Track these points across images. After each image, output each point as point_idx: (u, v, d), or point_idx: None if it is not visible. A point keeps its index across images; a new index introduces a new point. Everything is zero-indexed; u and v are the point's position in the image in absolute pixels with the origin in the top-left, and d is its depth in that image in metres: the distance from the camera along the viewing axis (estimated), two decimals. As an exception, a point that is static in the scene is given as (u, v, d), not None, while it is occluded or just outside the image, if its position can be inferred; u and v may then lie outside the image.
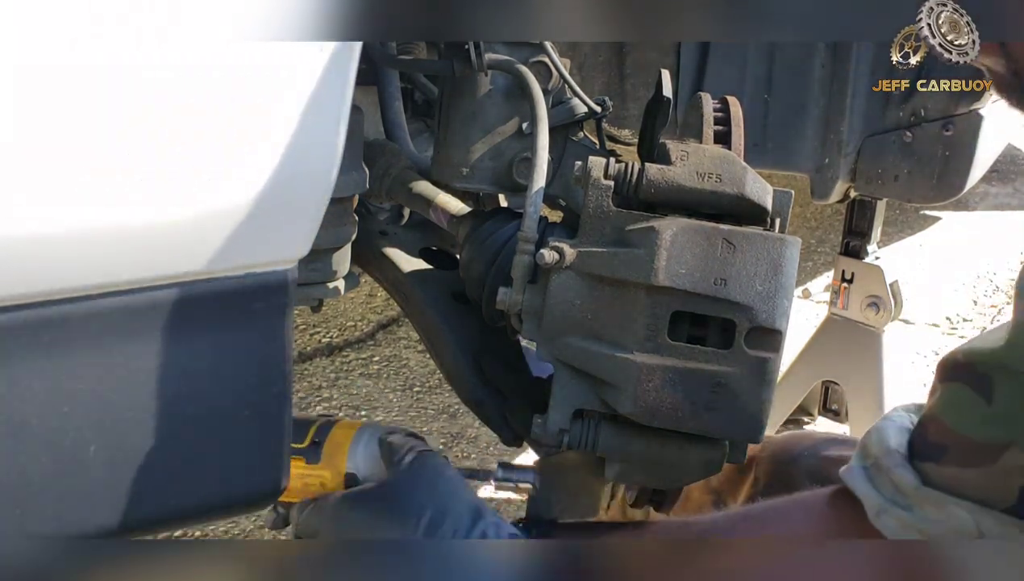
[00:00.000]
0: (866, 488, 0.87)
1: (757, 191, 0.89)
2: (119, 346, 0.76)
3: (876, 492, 0.86)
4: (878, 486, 0.86)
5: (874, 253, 2.05)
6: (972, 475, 0.81)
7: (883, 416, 0.93)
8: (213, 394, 0.81)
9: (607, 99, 1.14)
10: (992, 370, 0.80)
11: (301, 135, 0.78)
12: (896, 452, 0.86)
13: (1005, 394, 0.80)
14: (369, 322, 2.95)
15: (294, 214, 0.81)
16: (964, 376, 0.83)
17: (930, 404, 0.88)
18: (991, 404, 0.80)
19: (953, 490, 0.82)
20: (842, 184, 1.74)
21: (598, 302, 0.89)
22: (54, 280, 0.71)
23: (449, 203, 1.23)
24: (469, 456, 2.22)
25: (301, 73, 0.77)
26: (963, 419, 0.83)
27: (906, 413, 0.92)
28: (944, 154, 1.65)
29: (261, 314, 0.82)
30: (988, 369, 0.81)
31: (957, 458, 0.82)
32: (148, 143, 0.71)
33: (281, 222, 0.80)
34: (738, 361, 0.85)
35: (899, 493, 0.84)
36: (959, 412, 0.83)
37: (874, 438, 0.90)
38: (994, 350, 0.81)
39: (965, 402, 0.82)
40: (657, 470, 0.94)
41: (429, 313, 1.23)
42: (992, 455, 0.80)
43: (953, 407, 0.84)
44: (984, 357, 0.82)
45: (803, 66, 1.70)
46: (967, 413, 0.82)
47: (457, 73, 1.04)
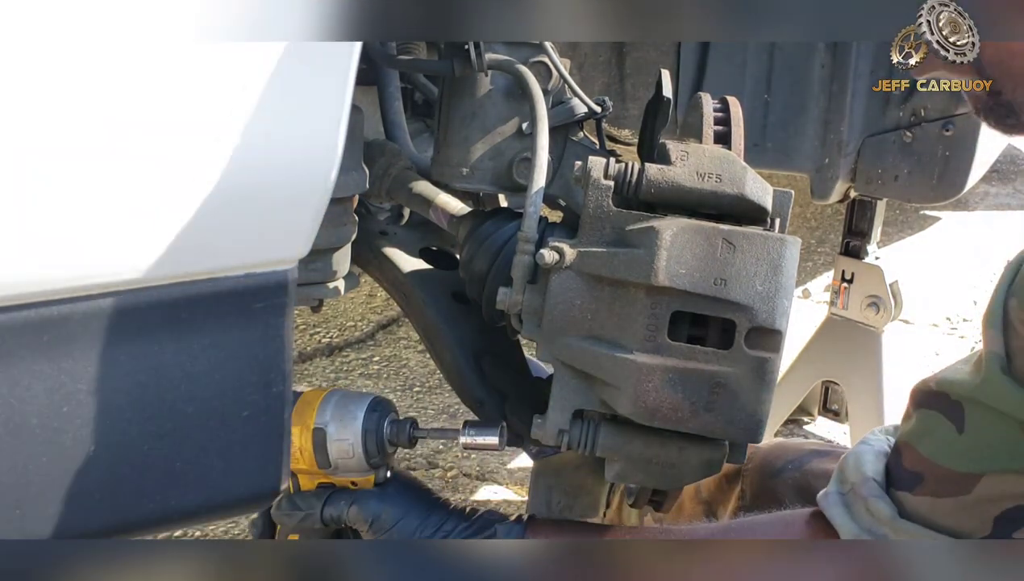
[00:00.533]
0: (842, 517, 0.88)
1: (757, 191, 0.89)
2: (119, 346, 0.76)
3: (852, 521, 0.87)
4: (854, 514, 0.87)
5: (874, 253, 2.05)
6: (947, 505, 0.82)
7: (862, 439, 0.93)
8: (213, 394, 0.81)
9: (607, 99, 1.14)
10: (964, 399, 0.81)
11: (301, 135, 0.78)
12: (872, 480, 0.87)
13: (976, 424, 0.80)
14: (369, 322, 2.95)
15: (294, 214, 0.81)
16: (937, 404, 0.83)
17: (904, 430, 0.88)
18: (963, 434, 0.81)
19: (928, 521, 0.82)
20: (842, 184, 1.74)
21: (598, 302, 0.89)
22: (54, 280, 0.71)
23: (449, 203, 1.23)
24: (469, 456, 2.22)
25: (301, 73, 0.77)
26: (936, 448, 0.83)
27: (884, 436, 0.92)
28: (944, 154, 1.65)
29: (261, 314, 0.82)
30: (960, 398, 0.81)
31: (932, 487, 0.83)
32: (148, 143, 0.71)
33: (281, 222, 0.80)
34: (738, 361, 0.85)
35: (876, 522, 0.85)
36: (932, 440, 0.84)
37: (851, 463, 0.90)
38: (965, 382, 0.81)
39: (938, 430, 0.83)
40: (657, 470, 0.94)
41: (429, 313, 1.23)
42: (966, 485, 0.80)
43: (926, 435, 0.85)
44: (956, 387, 0.82)
45: (803, 66, 1.70)
46: (940, 442, 0.83)
47: (457, 73, 1.04)
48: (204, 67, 0.73)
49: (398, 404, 2.45)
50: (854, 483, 0.88)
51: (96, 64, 0.68)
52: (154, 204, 0.73)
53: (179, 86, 0.72)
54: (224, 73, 0.74)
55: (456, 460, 2.20)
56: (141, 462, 0.79)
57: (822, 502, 0.91)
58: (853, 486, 0.88)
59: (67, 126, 0.68)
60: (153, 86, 0.71)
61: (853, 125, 1.68)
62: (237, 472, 0.85)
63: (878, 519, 0.85)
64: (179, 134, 0.73)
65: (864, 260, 2.04)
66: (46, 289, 0.71)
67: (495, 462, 2.19)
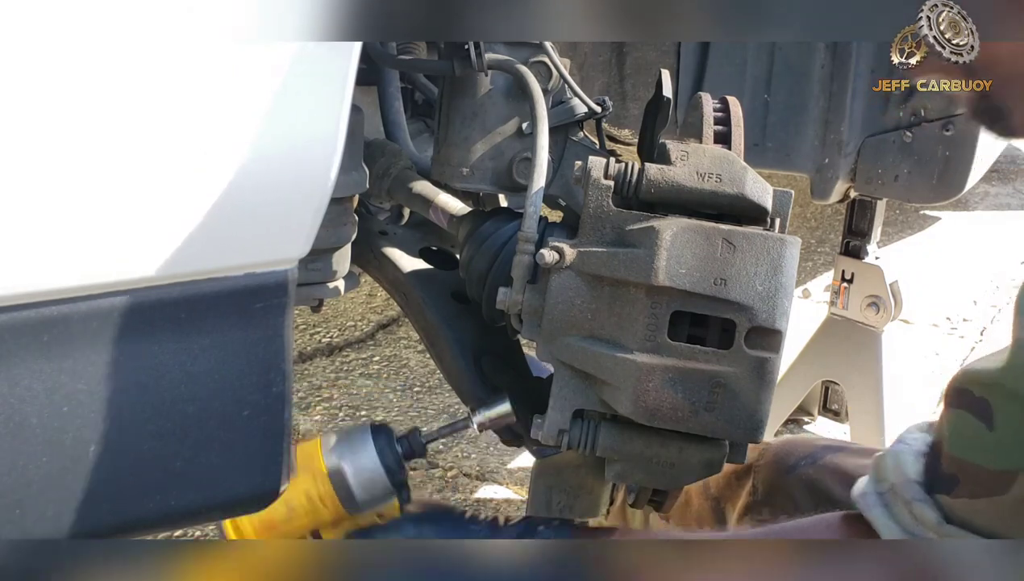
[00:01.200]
0: (884, 519, 0.86)
1: (757, 191, 0.89)
2: (119, 346, 0.76)
3: (895, 524, 0.85)
4: (895, 516, 0.85)
5: (874, 253, 2.05)
6: (984, 506, 0.80)
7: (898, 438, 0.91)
8: (213, 394, 0.81)
9: (607, 99, 1.14)
10: (990, 393, 0.79)
11: (301, 135, 0.78)
12: (915, 484, 0.85)
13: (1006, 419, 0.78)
14: (369, 322, 2.95)
15: (294, 214, 0.81)
16: (963, 401, 0.81)
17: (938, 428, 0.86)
18: (993, 430, 0.79)
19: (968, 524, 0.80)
20: (842, 184, 1.74)
21: (598, 302, 0.89)
22: (55, 280, 0.71)
23: (449, 203, 1.23)
24: (469, 456, 2.22)
25: (301, 73, 0.77)
26: (968, 447, 0.81)
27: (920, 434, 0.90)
28: (944, 154, 1.65)
29: (261, 314, 0.82)
30: (986, 392, 0.79)
31: (968, 488, 0.80)
32: (148, 143, 0.71)
33: (281, 222, 0.80)
34: (738, 361, 0.85)
35: (919, 526, 0.83)
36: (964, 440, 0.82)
37: (890, 464, 0.88)
38: (991, 371, 0.80)
39: (967, 429, 0.81)
40: (657, 470, 0.94)
41: (429, 313, 1.23)
42: (1002, 484, 0.78)
43: (957, 435, 0.83)
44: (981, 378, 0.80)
45: (803, 66, 1.70)
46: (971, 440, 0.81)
47: (457, 73, 1.04)
48: (204, 67, 0.73)
49: (398, 404, 2.46)
50: (894, 484, 0.86)
51: (95, 64, 0.68)
52: (154, 204, 0.73)
53: (179, 86, 0.72)
54: (224, 73, 0.74)
55: (456, 460, 2.20)
56: (141, 462, 0.79)
57: (860, 502, 0.89)
58: (893, 487, 0.86)
59: (67, 126, 0.68)
60: (153, 86, 0.71)
61: (853, 125, 1.69)
62: (237, 472, 0.85)
63: (923, 523, 0.83)
64: (179, 134, 0.73)
65: (864, 260, 2.04)
66: (46, 289, 0.71)
67: (495, 462, 2.20)
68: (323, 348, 2.77)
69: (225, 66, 0.74)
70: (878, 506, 0.87)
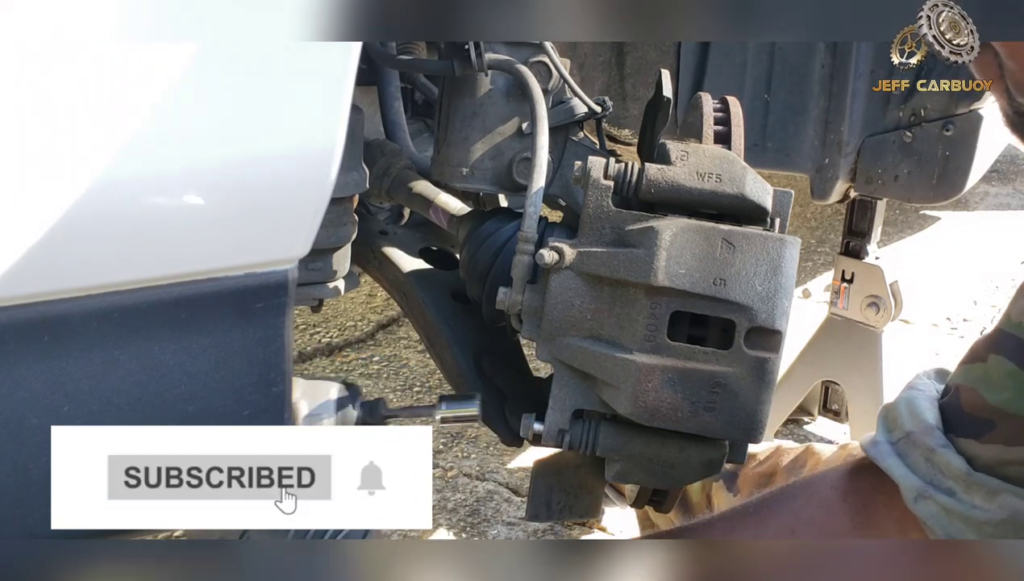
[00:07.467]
0: (901, 469, 0.83)
1: (757, 191, 0.89)
2: (119, 346, 0.76)
3: (913, 474, 0.82)
4: (912, 465, 0.82)
5: (874, 253, 2.05)
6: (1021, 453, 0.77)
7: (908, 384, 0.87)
8: (213, 393, 0.81)
9: (607, 99, 1.14)
10: None
11: (301, 135, 0.78)
12: (936, 430, 0.82)
13: None
14: (369, 322, 2.95)
15: (294, 214, 0.81)
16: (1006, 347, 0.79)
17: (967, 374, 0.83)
18: None
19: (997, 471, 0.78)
20: (842, 184, 1.74)
21: (598, 302, 0.89)
22: (55, 280, 0.71)
23: (449, 203, 1.24)
24: (469, 456, 2.22)
25: (301, 73, 0.77)
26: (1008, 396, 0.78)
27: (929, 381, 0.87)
28: (944, 154, 1.65)
29: (261, 314, 0.82)
30: None
31: (1004, 435, 0.78)
32: (148, 143, 0.71)
33: (281, 222, 0.80)
34: (738, 361, 0.85)
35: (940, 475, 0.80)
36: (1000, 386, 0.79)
37: (904, 410, 0.85)
38: None
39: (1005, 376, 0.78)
40: (657, 470, 0.94)
41: (429, 313, 1.23)
42: None
43: (992, 381, 0.80)
44: None
45: (803, 66, 1.70)
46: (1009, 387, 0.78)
47: (457, 73, 1.04)
48: (204, 67, 0.73)
49: (398, 404, 2.45)
50: (910, 431, 0.83)
51: (95, 63, 0.68)
52: (154, 204, 0.73)
53: (179, 86, 0.72)
54: (224, 73, 0.74)
55: (456, 460, 2.20)
56: (141, 462, 0.79)
57: (871, 451, 0.86)
58: (909, 435, 0.83)
59: (66, 125, 0.68)
60: (153, 86, 0.71)
61: (853, 125, 1.69)
62: (237, 472, 0.85)
63: (945, 472, 0.80)
64: (178, 134, 0.73)
65: (864, 260, 2.04)
66: (46, 289, 0.71)
67: (495, 462, 2.19)
68: (323, 348, 2.77)
69: (225, 66, 0.74)
70: (892, 455, 0.84)
